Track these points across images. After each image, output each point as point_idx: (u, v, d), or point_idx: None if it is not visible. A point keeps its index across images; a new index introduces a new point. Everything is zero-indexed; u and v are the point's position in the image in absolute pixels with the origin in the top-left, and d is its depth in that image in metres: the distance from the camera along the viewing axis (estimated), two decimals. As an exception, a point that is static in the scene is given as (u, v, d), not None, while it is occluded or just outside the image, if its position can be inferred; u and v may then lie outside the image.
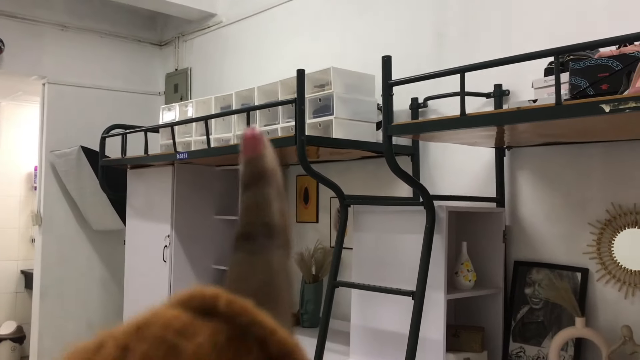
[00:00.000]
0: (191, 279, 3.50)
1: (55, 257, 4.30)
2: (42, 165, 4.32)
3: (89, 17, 4.48)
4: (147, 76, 4.78)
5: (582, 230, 2.24)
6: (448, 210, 2.18)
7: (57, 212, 4.32)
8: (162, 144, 3.61)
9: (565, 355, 2.14)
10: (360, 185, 3.12)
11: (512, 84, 2.46)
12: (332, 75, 2.65)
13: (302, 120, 2.37)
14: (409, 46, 2.90)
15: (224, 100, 3.26)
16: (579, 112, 1.54)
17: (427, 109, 2.79)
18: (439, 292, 2.15)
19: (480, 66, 1.80)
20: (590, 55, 1.83)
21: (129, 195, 3.86)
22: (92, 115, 4.42)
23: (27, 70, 4.26)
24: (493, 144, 2.41)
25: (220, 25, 4.22)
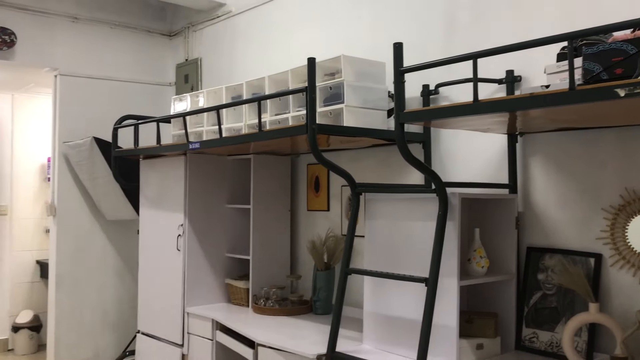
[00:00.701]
0: (204, 268, 3.53)
1: (70, 247, 4.35)
2: (56, 156, 4.36)
3: (99, 9, 4.50)
4: (158, 67, 4.79)
5: (596, 215, 2.23)
6: (460, 197, 2.18)
7: (71, 203, 4.37)
8: (174, 134, 3.63)
9: (579, 340, 2.15)
10: (371, 173, 3.12)
11: (524, 70, 2.45)
12: (342, 63, 2.64)
13: (312, 108, 2.37)
14: (420, 32, 2.89)
15: (235, 90, 3.27)
16: (593, 97, 1.53)
17: (439, 95, 2.78)
18: (452, 278, 2.16)
19: (492, 52, 1.79)
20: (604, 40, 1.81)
21: (142, 185, 3.89)
22: (104, 106, 4.45)
23: (39, 62, 4.28)
24: (505, 131, 2.40)
25: (230, 15, 4.21)
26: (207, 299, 3.52)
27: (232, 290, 3.54)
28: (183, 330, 3.45)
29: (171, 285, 3.55)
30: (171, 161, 3.61)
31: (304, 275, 3.49)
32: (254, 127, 2.94)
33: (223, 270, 3.61)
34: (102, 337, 4.49)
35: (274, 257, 3.51)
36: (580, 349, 2.14)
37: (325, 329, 2.48)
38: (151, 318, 3.75)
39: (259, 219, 3.43)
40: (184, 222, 3.48)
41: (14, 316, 5.66)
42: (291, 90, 2.77)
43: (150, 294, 3.78)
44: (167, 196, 3.63)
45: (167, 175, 3.64)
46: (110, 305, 4.53)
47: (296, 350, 2.46)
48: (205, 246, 3.54)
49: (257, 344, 2.73)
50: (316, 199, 3.51)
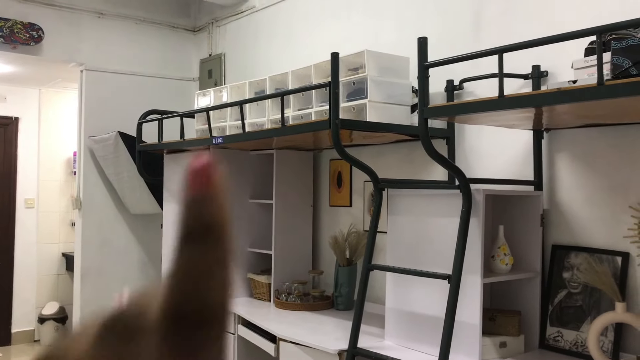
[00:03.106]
0: (227, 262, 3.55)
1: (95, 240, 4.42)
2: (81, 150, 4.43)
3: (124, 5, 4.54)
4: (182, 62, 4.83)
5: (623, 213, 2.19)
6: (485, 193, 2.16)
7: (96, 197, 4.43)
8: (197, 129, 3.65)
9: (605, 340, 2.12)
10: (394, 169, 3.11)
11: (551, 65, 2.41)
12: (366, 58, 2.63)
13: (336, 104, 2.36)
14: (445, 27, 2.86)
15: (258, 85, 3.27)
16: (621, 93, 1.50)
17: (463, 91, 2.76)
18: (476, 275, 2.14)
19: (519, 46, 1.76)
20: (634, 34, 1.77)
21: (166, 180, 3.93)
22: (129, 101, 4.49)
23: (66, 57, 4.34)
24: (531, 126, 2.37)
25: (254, 10, 4.22)
26: (229, 293, 3.54)
27: (254, 285, 3.56)
28: (205, 323, 3.47)
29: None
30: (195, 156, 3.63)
31: (325, 270, 3.49)
32: (277, 122, 2.94)
33: (245, 264, 3.62)
34: (126, 329, 4.55)
35: (296, 252, 3.51)
36: (606, 349, 2.11)
37: (347, 325, 2.48)
38: (174, 311, 3.78)
39: (281, 214, 3.44)
40: (207, 216, 3.50)
41: (40, 308, 5.77)
42: (314, 85, 2.76)
43: (173, 287, 3.81)
44: (191, 191, 3.65)
45: (191, 169, 3.66)
46: (134, 298, 4.59)
47: (318, 346, 2.46)
48: (228, 240, 3.56)
49: (279, 338, 2.74)
50: (338, 194, 3.50)
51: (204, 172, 0.27)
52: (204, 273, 0.26)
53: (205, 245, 0.26)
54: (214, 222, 0.26)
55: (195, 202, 0.26)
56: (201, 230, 0.26)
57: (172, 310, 0.26)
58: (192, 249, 0.26)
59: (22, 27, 4.06)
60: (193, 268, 0.26)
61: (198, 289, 0.26)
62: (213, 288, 0.26)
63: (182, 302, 0.26)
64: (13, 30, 4.02)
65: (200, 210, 0.26)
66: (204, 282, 0.26)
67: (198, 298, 0.26)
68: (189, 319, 0.26)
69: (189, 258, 0.26)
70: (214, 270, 0.26)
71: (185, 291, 0.26)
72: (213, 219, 0.26)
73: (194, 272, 0.26)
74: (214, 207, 0.26)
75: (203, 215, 0.26)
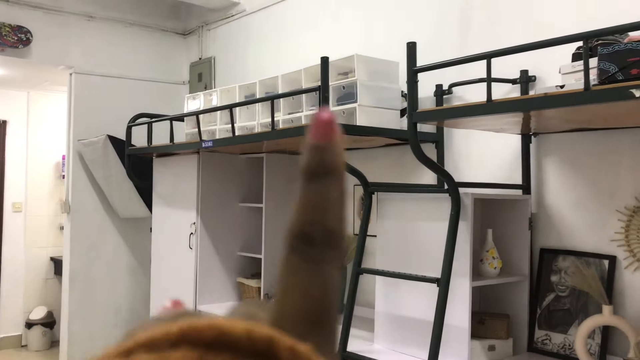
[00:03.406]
0: (216, 266, 3.55)
1: (84, 244, 4.39)
2: (70, 154, 4.40)
3: (114, 7, 4.53)
4: (172, 65, 4.82)
5: (610, 217, 2.21)
6: (473, 197, 2.18)
7: (85, 200, 4.40)
8: (187, 133, 3.65)
9: (592, 343, 2.13)
10: (384, 173, 3.12)
11: (538, 70, 2.43)
12: (355, 63, 2.64)
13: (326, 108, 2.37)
14: (434, 32, 2.88)
15: (248, 89, 3.28)
16: (608, 98, 1.52)
17: (452, 95, 2.77)
18: (464, 279, 2.15)
19: (507, 52, 1.78)
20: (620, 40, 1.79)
21: (155, 183, 3.92)
22: (118, 105, 4.48)
23: (55, 60, 4.32)
24: (519, 131, 2.39)
25: (244, 14, 4.23)
26: (218, 297, 3.54)
27: (243, 289, 3.55)
28: (195, 327, 3.46)
29: (183, 283, 3.56)
30: (184, 159, 3.62)
31: (315, 274, 3.49)
32: (267, 126, 2.94)
33: (235, 268, 3.62)
34: (115, 333, 4.52)
35: (286, 256, 3.50)
36: (593, 352, 2.12)
37: (337, 328, 2.48)
38: (163, 315, 3.76)
39: (271, 217, 3.44)
40: (197, 220, 3.49)
41: (28, 312, 5.72)
42: (304, 89, 2.77)
43: (162, 291, 3.80)
44: (180, 194, 3.65)
45: (180, 173, 3.66)
46: (123, 303, 4.57)
47: (307, 349, 2.46)
48: (218, 244, 3.56)
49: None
50: (328, 198, 3.50)
51: (328, 124, 0.31)
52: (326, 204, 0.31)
53: (326, 183, 0.31)
54: (334, 166, 0.31)
55: (320, 148, 0.31)
56: (323, 172, 0.31)
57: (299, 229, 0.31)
58: (316, 186, 0.31)
59: (10, 29, 4.03)
60: (317, 199, 0.31)
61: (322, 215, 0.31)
62: (333, 218, 0.31)
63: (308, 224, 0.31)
64: (1, 33, 4.00)
65: (323, 155, 0.31)
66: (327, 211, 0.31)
67: (322, 222, 0.31)
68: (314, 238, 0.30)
69: (314, 191, 0.31)
70: (334, 204, 0.31)
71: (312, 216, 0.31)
72: (333, 163, 0.31)
73: (318, 202, 0.31)
74: (334, 154, 0.31)
75: (325, 160, 0.31)
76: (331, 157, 0.31)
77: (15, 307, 5.73)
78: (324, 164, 0.31)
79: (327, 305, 0.30)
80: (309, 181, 0.31)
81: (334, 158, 0.31)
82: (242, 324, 0.26)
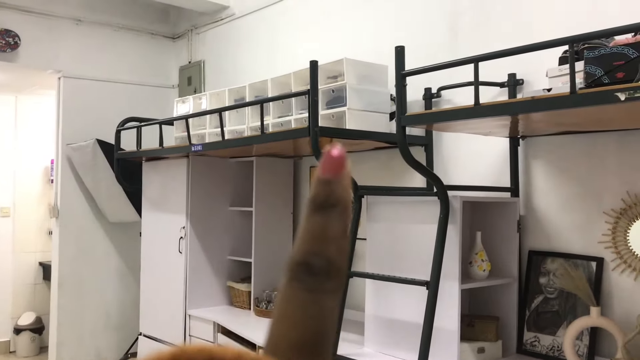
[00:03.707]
0: (206, 270, 3.53)
1: (73, 249, 4.36)
2: (59, 158, 4.38)
3: (102, 11, 4.52)
4: (161, 69, 4.81)
5: (597, 219, 2.23)
6: (462, 200, 2.19)
7: (73, 205, 4.38)
8: (176, 137, 3.64)
9: (580, 344, 2.15)
10: (374, 176, 3.13)
11: (526, 73, 2.45)
12: (345, 66, 2.65)
13: (315, 111, 2.38)
14: (423, 36, 2.89)
15: (238, 93, 3.27)
16: (594, 101, 1.54)
17: (441, 99, 2.79)
18: (454, 282, 2.16)
19: (494, 55, 1.79)
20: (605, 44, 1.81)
21: (145, 188, 3.90)
22: (107, 109, 4.46)
23: (43, 64, 4.30)
24: (507, 134, 2.40)
25: (233, 18, 4.23)
26: (208, 302, 3.52)
27: (234, 293, 3.55)
28: (185, 332, 3.45)
29: (173, 287, 3.55)
30: (174, 163, 3.62)
31: (305, 278, 3.49)
32: (257, 129, 2.94)
33: (225, 272, 3.61)
34: (104, 339, 4.50)
35: (276, 259, 3.51)
36: (581, 353, 2.14)
37: (327, 332, 2.48)
38: (153, 320, 3.75)
39: (261, 221, 3.43)
40: (186, 224, 3.48)
41: (16, 318, 5.67)
42: (294, 93, 2.77)
43: (152, 296, 3.78)
44: (170, 198, 3.64)
45: (170, 177, 3.65)
46: (112, 308, 4.54)
47: (297, 353, 2.46)
48: (207, 249, 3.55)
49: (259, 347, 2.73)
50: (318, 201, 3.51)
51: (338, 160, 0.34)
52: (329, 235, 0.32)
53: (331, 215, 0.32)
54: (341, 200, 0.33)
55: (328, 183, 0.33)
56: (330, 204, 0.33)
57: (300, 258, 0.32)
58: (321, 217, 0.32)
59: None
60: (321, 230, 0.32)
61: (324, 246, 0.32)
62: (335, 249, 0.32)
63: (310, 254, 0.32)
64: (-11, 36, 3.97)
65: (331, 189, 0.33)
66: (329, 242, 0.32)
67: (323, 252, 0.32)
68: (315, 267, 0.31)
69: (319, 222, 0.32)
70: (337, 236, 0.32)
71: (314, 246, 0.32)
72: (340, 197, 0.33)
73: (321, 233, 0.32)
74: (342, 188, 0.33)
75: (333, 193, 0.33)
76: (338, 192, 0.33)
77: (4, 312, 5.68)
78: (331, 197, 0.33)
79: (322, 336, 0.31)
80: (314, 212, 0.33)
81: (341, 193, 0.33)
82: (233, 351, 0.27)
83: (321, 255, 0.32)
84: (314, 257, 0.32)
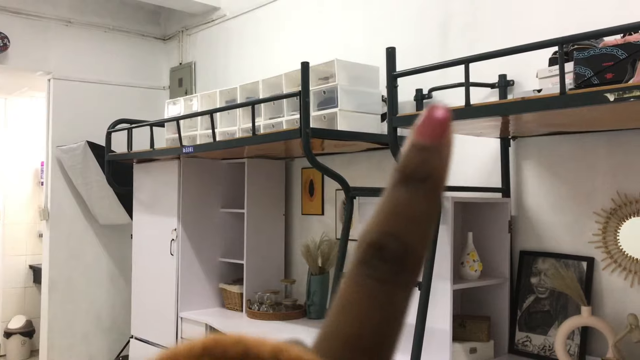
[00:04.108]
0: (198, 272, 3.52)
1: (63, 252, 4.34)
2: (49, 160, 4.35)
3: (92, 12, 4.50)
4: (152, 71, 4.79)
5: (588, 219, 2.24)
6: (454, 201, 2.19)
7: (64, 207, 4.35)
8: (167, 138, 3.62)
9: (572, 344, 2.16)
10: (366, 177, 3.13)
11: (517, 74, 2.46)
12: (336, 68, 2.65)
13: (306, 112, 2.37)
14: (414, 37, 2.90)
15: (229, 94, 3.27)
16: (583, 102, 1.54)
17: (432, 100, 2.79)
18: (445, 282, 2.16)
19: (484, 56, 1.80)
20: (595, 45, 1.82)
21: (136, 190, 3.89)
22: (98, 110, 4.44)
23: (33, 66, 4.27)
24: (498, 134, 2.41)
25: (224, 19, 4.22)
26: (200, 304, 3.51)
27: (225, 295, 3.54)
28: (177, 335, 3.44)
29: (165, 290, 3.54)
30: (165, 165, 3.60)
31: (298, 279, 3.49)
32: (248, 131, 2.94)
33: (217, 274, 3.60)
34: (96, 342, 4.47)
35: (268, 261, 3.50)
36: (572, 353, 2.15)
37: (319, 333, 2.48)
38: (145, 323, 3.73)
39: (253, 223, 3.43)
40: (178, 226, 3.47)
41: (6, 322, 5.62)
42: (285, 94, 2.77)
43: (143, 298, 3.76)
44: (161, 200, 3.63)
45: (161, 179, 3.64)
46: (103, 310, 4.52)
47: (290, 355, 2.45)
48: (199, 251, 3.54)
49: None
50: (310, 202, 3.51)
51: (442, 122, 0.27)
52: (413, 215, 0.26)
53: (420, 190, 0.26)
54: (436, 173, 0.26)
55: (424, 149, 0.27)
56: (420, 177, 0.26)
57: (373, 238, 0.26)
58: (407, 191, 0.26)
59: (-13, 35, 3.98)
60: (404, 207, 0.26)
61: (404, 227, 0.26)
62: (417, 233, 0.26)
63: (386, 235, 0.26)
64: (-22, 38, 3.94)
65: (426, 157, 0.26)
66: (411, 223, 0.26)
67: (402, 235, 0.26)
68: (388, 252, 0.26)
69: (402, 198, 0.26)
70: (422, 217, 0.26)
71: (391, 225, 0.26)
72: (435, 169, 0.27)
73: (403, 211, 0.26)
74: (439, 159, 0.27)
75: (427, 163, 0.26)
76: (433, 162, 0.27)
77: (-6, 316, 5.64)
78: (423, 168, 0.27)
79: (384, 337, 0.26)
80: (400, 184, 0.27)
81: (437, 164, 0.27)
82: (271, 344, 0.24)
83: (399, 238, 0.26)
84: (391, 240, 0.26)
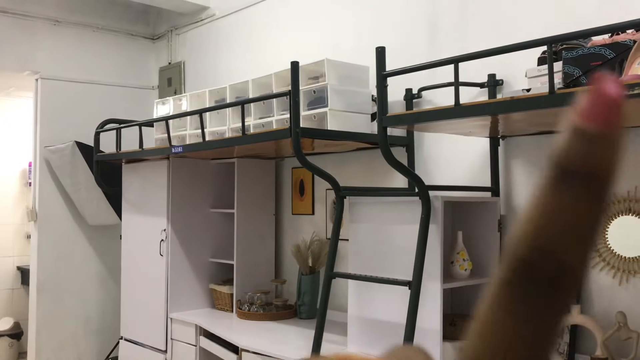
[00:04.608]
0: (188, 273, 3.51)
1: (52, 253, 4.30)
2: (37, 161, 4.31)
3: (81, 12, 4.46)
4: (141, 70, 4.76)
5: (577, 218, 2.25)
6: (443, 200, 2.19)
7: (52, 208, 4.32)
8: (156, 138, 3.60)
9: (561, 342, 2.16)
10: (356, 177, 3.13)
11: (506, 73, 2.47)
12: (326, 67, 2.65)
13: (296, 112, 2.37)
14: (403, 37, 2.90)
15: (218, 94, 3.26)
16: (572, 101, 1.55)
17: (422, 99, 2.80)
18: (435, 281, 2.17)
19: (473, 56, 1.80)
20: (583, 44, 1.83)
21: (125, 190, 3.86)
22: (86, 110, 4.40)
23: (20, 65, 4.24)
24: (487, 134, 2.42)
25: (213, 18, 4.20)
26: (190, 305, 3.50)
27: (216, 296, 3.52)
28: (166, 336, 3.42)
29: (154, 290, 3.52)
30: (154, 165, 3.58)
31: (288, 279, 3.48)
32: (238, 130, 2.93)
33: (207, 275, 3.59)
34: (85, 344, 4.44)
35: (259, 261, 3.49)
36: (561, 351, 2.16)
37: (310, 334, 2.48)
38: (134, 324, 3.71)
39: (243, 223, 3.42)
40: (167, 227, 3.45)
41: (-6, 323, 5.58)
42: (275, 93, 2.76)
43: (133, 299, 3.74)
44: (150, 201, 3.61)
45: (150, 179, 3.62)
46: (92, 312, 4.48)
47: (280, 355, 2.45)
48: (189, 251, 3.52)
49: (241, 349, 2.71)
50: (301, 202, 3.50)
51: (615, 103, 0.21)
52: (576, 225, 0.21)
53: (587, 191, 0.21)
54: (603, 169, 0.21)
55: (590, 138, 0.21)
56: (585, 173, 0.21)
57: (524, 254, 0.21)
58: (568, 191, 0.21)
59: (-27, 34, 3.94)
60: (562, 214, 0.21)
61: (564, 241, 0.21)
62: (579, 248, 0.21)
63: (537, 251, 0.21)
64: (-36, 37, 3.90)
65: (592, 148, 0.21)
66: (574, 236, 0.21)
67: (559, 252, 0.21)
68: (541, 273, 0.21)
69: (562, 200, 0.21)
70: (585, 226, 0.21)
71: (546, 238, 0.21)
72: (603, 164, 0.21)
73: (565, 219, 0.21)
74: (609, 150, 0.21)
75: (593, 156, 0.21)
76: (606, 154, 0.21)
77: (-19, 318, 5.59)
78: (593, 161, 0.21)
79: None
80: (560, 182, 0.22)
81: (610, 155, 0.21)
82: None
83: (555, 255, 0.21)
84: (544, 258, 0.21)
